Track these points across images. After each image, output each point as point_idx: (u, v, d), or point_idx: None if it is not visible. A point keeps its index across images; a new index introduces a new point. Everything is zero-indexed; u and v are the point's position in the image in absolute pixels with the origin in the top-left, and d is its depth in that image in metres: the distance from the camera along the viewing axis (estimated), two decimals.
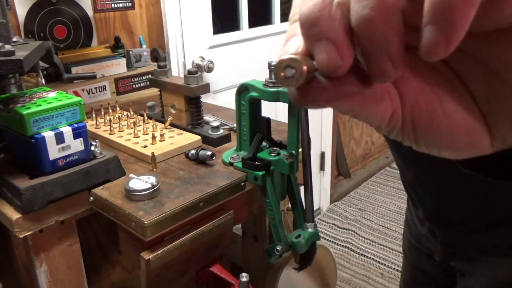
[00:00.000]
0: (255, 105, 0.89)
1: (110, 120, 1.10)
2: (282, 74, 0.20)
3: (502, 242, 0.67)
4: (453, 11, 0.16)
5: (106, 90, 1.30)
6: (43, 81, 1.03)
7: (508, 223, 0.65)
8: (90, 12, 1.36)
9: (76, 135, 0.81)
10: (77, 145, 0.81)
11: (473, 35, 0.18)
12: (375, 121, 0.23)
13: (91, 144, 0.85)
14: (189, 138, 1.02)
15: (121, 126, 1.08)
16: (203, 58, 1.60)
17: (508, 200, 0.63)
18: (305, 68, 0.20)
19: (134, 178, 0.82)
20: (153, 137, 1.00)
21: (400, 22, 0.18)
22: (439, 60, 0.18)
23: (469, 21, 0.17)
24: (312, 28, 0.20)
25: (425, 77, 0.23)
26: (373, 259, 2.08)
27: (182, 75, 1.36)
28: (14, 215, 0.76)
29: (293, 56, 0.20)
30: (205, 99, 1.14)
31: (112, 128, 1.07)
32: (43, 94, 0.84)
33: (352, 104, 0.21)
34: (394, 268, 2.01)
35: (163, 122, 1.10)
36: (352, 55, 0.20)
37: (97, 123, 1.13)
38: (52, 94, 0.83)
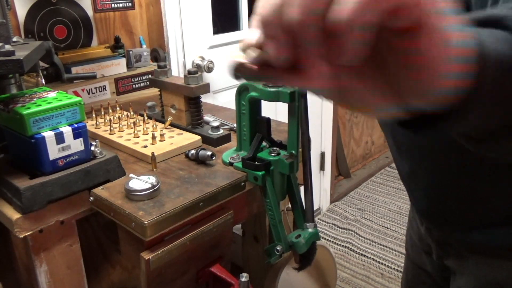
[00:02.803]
0: (255, 105, 0.89)
1: (110, 120, 1.10)
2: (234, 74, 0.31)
3: (490, 242, 0.68)
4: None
5: (106, 90, 1.30)
6: (43, 81, 1.03)
7: (497, 223, 0.65)
8: (90, 12, 1.36)
9: (76, 135, 0.81)
10: (77, 145, 0.81)
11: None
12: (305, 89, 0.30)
13: (91, 144, 0.85)
14: (189, 138, 1.02)
15: (121, 126, 1.08)
16: (203, 58, 1.60)
17: (497, 201, 0.64)
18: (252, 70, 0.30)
19: (134, 178, 0.82)
20: (153, 137, 1.00)
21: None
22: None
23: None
24: (265, 28, 0.27)
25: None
26: (373, 259, 2.08)
27: (182, 75, 1.36)
28: (14, 215, 0.76)
29: (242, 61, 0.30)
30: (205, 99, 1.14)
31: (112, 128, 1.07)
32: (43, 94, 0.84)
33: (267, 76, 0.30)
34: (394, 268, 2.01)
35: (163, 122, 1.10)
36: (289, 53, 0.27)
37: (97, 123, 1.13)
38: (52, 94, 0.83)
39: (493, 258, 0.69)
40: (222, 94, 1.76)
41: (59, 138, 0.79)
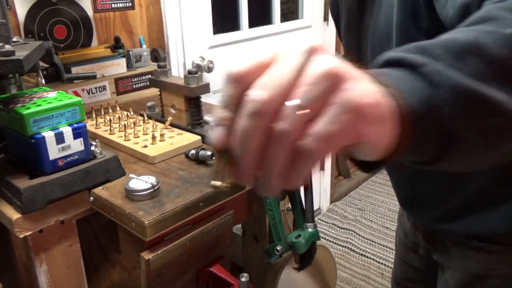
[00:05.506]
0: None
1: (110, 120, 1.10)
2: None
3: (469, 232, 0.70)
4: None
5: (106, 90, 1.30)
6: (43, 81, 1.03)
7: (476, 207, 0.68)
8: (90, 12, 1.36)
9: (76, 135, 0.81)
10: (77, 145, 0.81)
11: None
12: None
13: (91, 144, 0.85)
14: (189, 138, 1.02)
15: (121, 126, 1.08)
16: (203, 58, 1.60)
17: (475, 183, 0.67)
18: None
19: (134, 178, 0.82)
20: (153, 137, 1.00)
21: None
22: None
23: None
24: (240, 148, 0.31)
25: None
26: (373, 259, 2.08)
27: (182, 75, 1.36)
28: (14, 215, 0.75)
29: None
30: (205, 99, 1.14)
31: (112, 128, 1.07)
32: (43, 94, 0.84)
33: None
34: None
35: (163, 122, 1.10)
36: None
37: (97, 123, 1.12)
38: (52, 94, 0.83)
39: (473, 251, 0.71)
40: None
41: (59, 138, 0.79)
